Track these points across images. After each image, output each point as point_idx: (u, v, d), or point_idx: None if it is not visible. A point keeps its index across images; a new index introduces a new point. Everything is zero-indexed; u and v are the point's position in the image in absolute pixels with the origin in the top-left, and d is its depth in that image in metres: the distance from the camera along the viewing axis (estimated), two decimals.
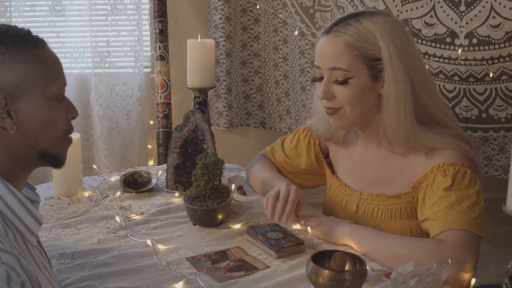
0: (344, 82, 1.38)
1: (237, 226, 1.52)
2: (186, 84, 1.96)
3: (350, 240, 1.39)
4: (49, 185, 1.81)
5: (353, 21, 1.40)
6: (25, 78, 1.00)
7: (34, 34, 1.05)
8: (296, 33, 2.58)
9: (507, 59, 2.11)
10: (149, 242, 1.43)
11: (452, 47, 2.17)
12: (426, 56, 2.22)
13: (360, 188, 1.52)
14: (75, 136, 1.69)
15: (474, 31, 2.12)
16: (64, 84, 1.07)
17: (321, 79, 1.43)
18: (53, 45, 2.67)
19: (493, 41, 2.10)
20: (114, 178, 1.86)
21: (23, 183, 1.05)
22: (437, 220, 1.31)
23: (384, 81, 1.38)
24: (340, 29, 1.39)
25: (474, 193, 1.33)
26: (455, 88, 2.22)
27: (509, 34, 2.07)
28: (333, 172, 1.63)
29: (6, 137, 0.99)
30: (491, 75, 2.14)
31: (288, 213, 1.43)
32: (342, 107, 1.41)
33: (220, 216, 1.53)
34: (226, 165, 1.64)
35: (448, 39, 2.17)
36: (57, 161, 1.08)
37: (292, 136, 1.73)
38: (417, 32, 2.21)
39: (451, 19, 2.15)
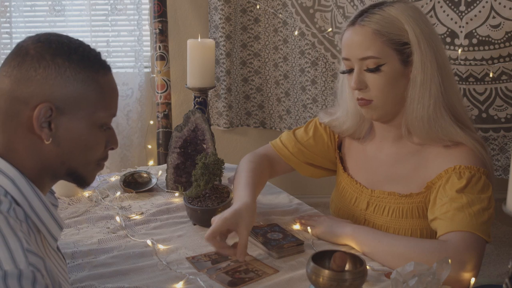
0: (376, 69, 1.38)
1: None
2: (186, 84, 1.96)
3: (351, 240, 1.39)
4: None
5: (376, 10, 1.41)
6: (77, 98, 0.99)
7: (102, 58, 1.05)
8: (296, 33, 2.58)
9: (507, 59, 2.11)
10: (149, 242, 1.43)
11: (452, 47, 2.17)
12: None
13: (371, 185, 1.51)
14: None
15: (474, 31, 2.12)
16: (113, 115, 1.07)
17: (350, 71, 1.43)
18: None
19: (493, 41, 2.10)
20: (114, 178, 1.86)
21: (46, 190, 1.06)
22: (445, 220, 1.31)
23: (412, 65, 1.39)
24: (365, 19, 1.40)
25: (486, 198, 1.33)
26: None
27: (509, 34, 2.07)
28: (344, 168, 1.62)
29: (41, 147, 0.99)
30: (491, 75, 2.14)
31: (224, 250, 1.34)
32: (373, 100, 1.41)
33: None
34: (226, 165, 1.64)
35: (448, 39, 2.17)
36: (83, 182, 1.08)
37: (305, 127, 1.69)
38: None
39: (451, 19, 2.15)
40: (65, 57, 0.99)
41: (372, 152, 1.54)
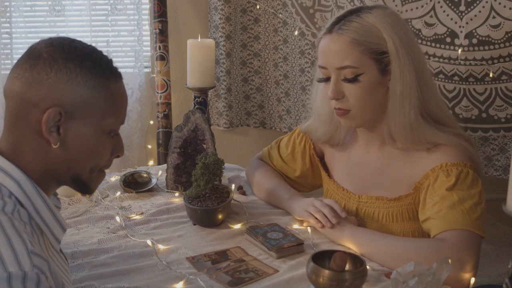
0: (354, 79, 1.37)
1: (237, 226, 1.52)
2: (186, 84, 1.96)
3: (349, 241, 1.39)
4: None
5: (353, 17, 1.38)
6: (87, 104, 1.00)
7: (114, 65, 1.06)
8: (296, 33, 2.58)
9: (507, 59, 2.10)
10: (149, 242, 1.43)
11: (452, 47, 2.17)
12: (426, 56, 2.22)
13: (358, 191, 1.51)
14: None
15: (474, 31, 2.12)
16: (122, 122, 1.07)
17: (327, 79, 1.41)
18: None
19: (493, 41, 2.10)
20: (114, 178, 1.86)
21: (52, 192, 1.07)
22: (438, 220, 1.31)
23: (391, 74, 1.37)
24: (343, 26, 1.37)
25: (477, 193, 1.33)
26: (455, 88, 2.22)
27: (509, 34, 2.07)
28: (329, 175, 1.62)
29: (48, 150, 1.00)
30: (491, 75, 2.14)
31: (340, 210, 1.43)
32: (351, 110, 1.39)
33: (220, 216, 1.53)
34: (226, 165, 1.64)
35: (448, 39, 2.17)
36: (86, 189, 1.09)
37: (287, 140, 1.71)
38: (417, 32, 2.21)
39: (451, 19, 2.15)
40: (77, 63, 0.99)
41: (357, 158, 1.53)
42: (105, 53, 1.06)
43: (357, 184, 1.52)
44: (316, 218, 1.44)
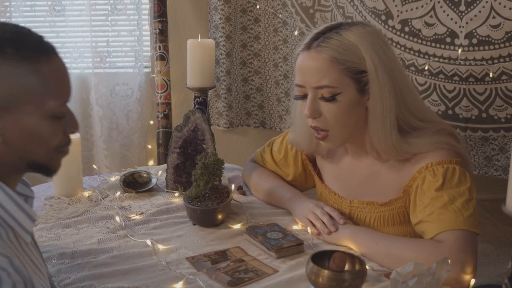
0: (332, 98, 1.34)
1: (237, 226, 1.52)
2: (186, 84, 1.96)
3: (349, 241, 1.39)
4: (49, 185, 1.81)
5: (333, 34, 1.35)
6: (20, 93, 0.93)
7: (45, 41, 0.98)
8: (296, 33, 2.58)
9: (507, 59, 2.11)
10: (149, 242, 1.43)
11: (452, 47, 2.17)
12: (426, 56, 2.22)
13: (349, 196, 1.51)
14: (75, 136, 1.69)
15: (474, 31, 2.12)
16: (66, 101, 1.01)
17: (303, 97, 1.39)
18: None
19: (493, 41, 2.10)
20: (114, 178, 1.86)
21: (15, 183, 1.03)
22: (432, 222, 1.30)
23: (370, 93, 1.35)
24: (322, 44, 1.34)
25: (466, 190, 1.32)
26: (455, 88, 2.22)
27: (509, 34, 2.07)
28: (321, 180, 1.62)
29: None
30: (491, 75, 2.14)
31: (339, 218, 1.43)
32: (329, 130, 1.38)
33: (220, 216, 1.53)
34: (226, 165, 1.64)
35: (448, 39, 2.17)
36: (48, 171, 1.04)
37: (279, 143, 1.71)
38: (417, 32, 2.21)
39: (451, 19, 2.15)
40: None
41: (345, 166, 1.53)
42: (32, 31, 0.96)
43: (348, 190, 1.52)
44: (315, 226, 1.45)
